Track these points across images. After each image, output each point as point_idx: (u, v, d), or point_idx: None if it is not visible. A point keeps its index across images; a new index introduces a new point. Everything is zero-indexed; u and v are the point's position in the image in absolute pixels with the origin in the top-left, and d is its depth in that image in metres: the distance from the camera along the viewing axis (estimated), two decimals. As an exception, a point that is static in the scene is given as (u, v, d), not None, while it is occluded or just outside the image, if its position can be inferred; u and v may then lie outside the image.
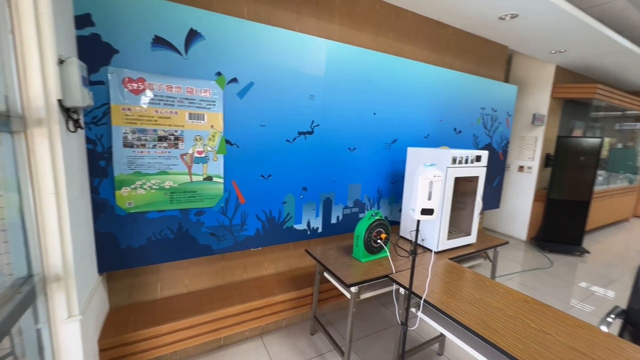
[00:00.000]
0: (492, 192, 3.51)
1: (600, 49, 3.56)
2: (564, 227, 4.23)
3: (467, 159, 2.02)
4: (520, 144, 4.59)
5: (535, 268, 3.60)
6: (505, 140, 3.46)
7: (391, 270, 1.78)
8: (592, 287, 3.19)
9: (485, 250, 2.30)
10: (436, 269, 1.83)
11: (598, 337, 1.22)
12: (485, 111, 3.15)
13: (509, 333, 1.22)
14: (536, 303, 1.46)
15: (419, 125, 2.66)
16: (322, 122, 2.14)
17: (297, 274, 2.38)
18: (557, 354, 1.11)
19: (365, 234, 1.86)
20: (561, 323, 1.30)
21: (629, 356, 1.12)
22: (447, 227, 2.08)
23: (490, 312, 1.37)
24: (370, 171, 2.45)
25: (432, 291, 1.54)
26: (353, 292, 1.67)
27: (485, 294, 1.54)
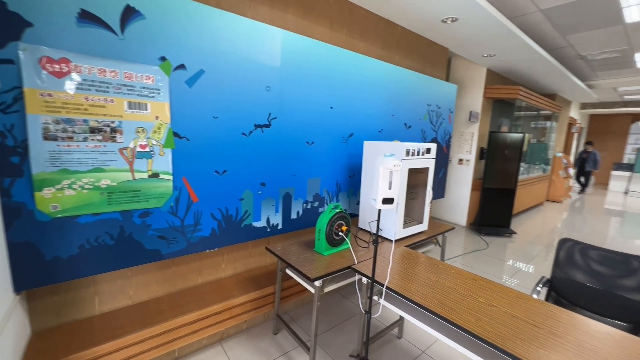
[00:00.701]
0: (438, 183, 3.80)
1: (521, 55, 4.08)
2: (496, 212, 4.79)
3: (418, 151, 2.14)
4: (460, 139, 5.05)
5: (474, 250, 4.01)
6: (448, 135, 3.76)
7: (353, 261, 1.81)
8: (518, 263, 3.67)
9: (435, 236, 2.48)
10: (395, 257, 1.91)
11: (532, 305, 1.39)
12: (431, 107, 3.38)
13: (462, 310, 1.32)
14: (483, 280, 1.61)
15: (374, 120, 2.75)
16: (280, 115, 2.08)
17: (257, 273, 2.29)
18: (503, 322, 1.23)
19: (326, 227, 1.86)
20: (504, 295, 1.46)
21: (557, 317, 1.29)
22: (402, 216, 2.18)
23: (446, 293, 1.47)
24: (328, 165, 2.46)
25: (392, 278, 1.60)
26: (317, 286, 1.65)
27: (440, 276, 1.65)
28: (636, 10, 3.16)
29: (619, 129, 10.86)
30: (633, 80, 6.25)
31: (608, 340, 1.16)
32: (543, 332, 1.18)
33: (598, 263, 1.77)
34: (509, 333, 1.17)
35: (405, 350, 2.06)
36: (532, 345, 1.10)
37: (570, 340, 1.14)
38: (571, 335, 1.17)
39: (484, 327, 1.20)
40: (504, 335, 1.15)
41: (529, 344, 1.11)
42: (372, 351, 2.04)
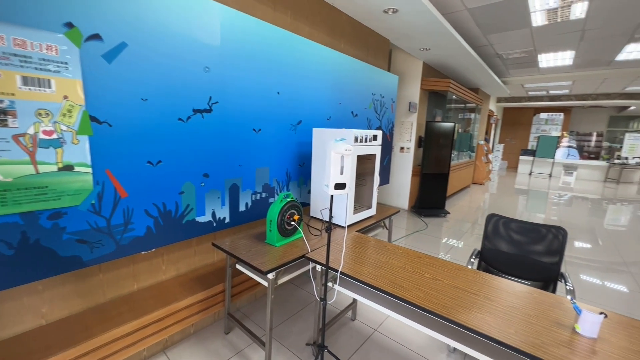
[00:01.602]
0: (383, 170, 3.99)
1: (452, 51, 4.45)
2: (433, 195, 5.25)
3: (366, 137, 2.18)
4: (401, 128, 5.37)
5: (416, 231, 4.35)
6: (391, 124, 3.95)
7: (307, 250, 1.78)
8: (452, 240, 4.10)
9: (383, 220, 2.60)
10: (347, 242, 1.93)
11: (469, 275, 1.53)
12: (375, 97, 3.50)
13: (412, 286, 1.39)
14: (427, 257, 1.73)
15: (322, 107, 2.73)
16: (222, 99, 1.91)
17: (204, 272, 2.12)
18: (448, 294, 1.34)
19: (278, 217, 1.79)
20: (446, 269, 1.58)
21: (489, 284, 1.44)
22: (353, 202, 2.22)
23: (395, 272, 1.53)
24: (277, 153, 2.37)
25: (346, 263, 1.62)
26: (270, 279, 1.59)
27: (389, 257, 1.72)
28: (540, 16, 3.67)
29: (525, 120, 12.78)
30: (536, 78, 7.36)
31: (528, 298, 1.33)
32: (480, 298, 1.31)
33: (516, 233, 2.04)
34: (453, 303, 1.27)
35: (359, 331, 2.13)
36: (472, 311, 1.21)
37: (502, 302, 1.29)
38: (502, 298, 1.32)
39: (431, 300, 1.28)
40: (448, 305, 1.25)
41: (470, 310, 1.22)
42: (328, 336, 2.06)
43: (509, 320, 1.16)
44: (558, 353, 0.99)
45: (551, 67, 6.19)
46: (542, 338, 1.06)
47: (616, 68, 6.09)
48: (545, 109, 12.18)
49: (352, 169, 2.09)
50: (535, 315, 1.20)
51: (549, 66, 6.14)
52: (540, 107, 12.09)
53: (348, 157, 1.30)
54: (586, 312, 1.07)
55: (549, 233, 1.90)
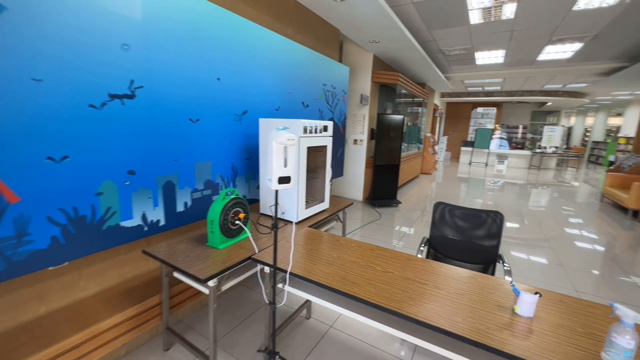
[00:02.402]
0: (337, 162, 3.96)
1: (400, 44, 4.56)
2: (385, 186, 5.42)
3: (316, 128, 2.08)
4: (354, 121, 5.40)
5: (370, 221, 4.44)
6: (343, 115, 3.92)
7: (254, 251, 1.63)
8: (404, 227, 4.26)
9: (337, 213, 2.54)
10: (298, 239, 1.83)
11: (419, 264, 1.54)
12: (326, 87, 3.42)
13: (364, 281, 1.34)
14: (379, 249, 1.70)
15: (270, 97, 2.56)
16: (149, 83, 1.64)
17: (137, 283, 1.85)
18: (398, 286, 1.31)
19: (220, 216, 1.61)
20: (396, 260, 1.57)
21: (437, 272, 1.46)
22: (304, 196, 2.12)
23: (347, 267, 1.47)
24: (221, 146, 2.15)
25: (296, 262, 1.52)
26: (211, 287, 1.42)
27: (342, 251, 1.66)
28: (477, 14, 3.92)
29: (464, 114, 13.93)
30: (474, 74, 7.99)
31: (472, 282, 1.37)
32: (429, 288, 1.31)
33: (460, 219, 2.13)
34: (403, 295, 1.24)
35: (314, 329, 2.06)
36: (422, 302, 1.19)
37: (449, 289, 1.30)
38: (449, 285, 1.33)
39: (383, 294, 1.24)
40: (399, 298, 1.21)
41: (419, 302, 1.20)
42: (282, 338, 1.95)
43: (456, 308, 1.16)
44: (500, 337, 1.01)
45: (486, 64, 6.75)
46: (486, 323, 1.08)
47: (537, 67, 6.86)
48: (481, 104, 13.39)
49: (298, 160, 1.98)
50: (479, 300, 1.23)
51: (484, 63, 6.69)
52: (477, 102, 13.26)
53: (292, 147, 1.18)
54: (524, 294, 1.11)
55: (488, 218, 2.01)
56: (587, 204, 6.16)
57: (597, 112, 14.28)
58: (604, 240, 4.08)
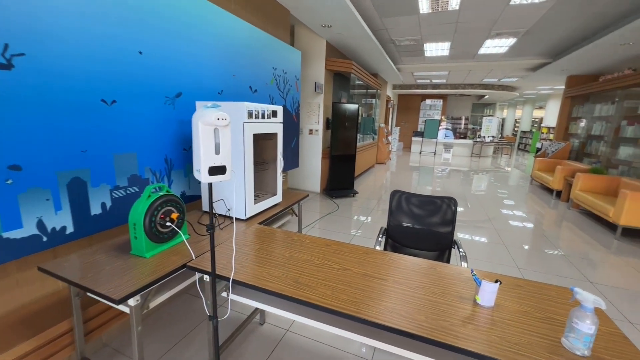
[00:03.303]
0: (291, 153, 3.76)
1: (352, 31, 4.45)
2: (342, 176, 5.37)
3: (263, 113, 1.85)
4: (308, 110, 5.22)
5: (328, 213, 4.35)
6: (296, 103, 3.71)
7: (190, 257, 1.38)
8: (362, 217, 4.25)
9: (291, 207, 2.36)
10: (247, 238, 1.61)
11: (377, 257, 1.43)
12: (277, 72, 3.16)
13: (318, 283, 1.18)
14: (335, 244, 1.56)
15: (210, 78, 2.24)
16: (34, 50, 1.26)
17: (38, 307, 1.47)
18: (357, 285, 1.18)
19: (145, 218, 1.32)
20: (354, 255, 1.44)
21: (396, 264, 1.36)
22: (252, 190, 1.89)
23: (301, 268, 1.30)
24: (149, 134, 1.81)
25: (242, 266, 1.30)
26: (133, 306, 1.14)
27: (295, 249, 1.48)
28: (426, 2, 3.96)
29: (414, 106, 14.61)
30: (423, 66, 8.30)
31: (432, 273, 1.30)
32: (389, 284, 1.20)
33: (416, 207, 2.10)
34: (362, 295, 1.11)
35: (269, 336, 1.87)
36: (382, 302, 1.07)
37: (409, 284, 1.21)
38: (409, 279, 1.24)
39: (340, 296, 1.10)
40: (358, 299, 1.08)
41: (380, 301, 1.08)
42: (232, 351, 1.73)
43: (418, 304, 1.07)
44: (465, 333, 0.93)
45: (434, 56, 7.02)
46: (450, 318, 1.00)
47: (478, 61, 7.34)
48: (429, 96, 14.13)
49: (244, 147, 1.74)
50: (440, 292, 1.15)
51: (432, 55, 6.95)
52: (426, 94, 13.97)
53: (225, 129, 0.95)
54: (485, 283, 1.06)
55: (443, 204, 2.00)
56: (519, 186, 6.83)
57: (524, 105, 16.03)
58: (534, 218, 4.52)
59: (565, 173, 5.48)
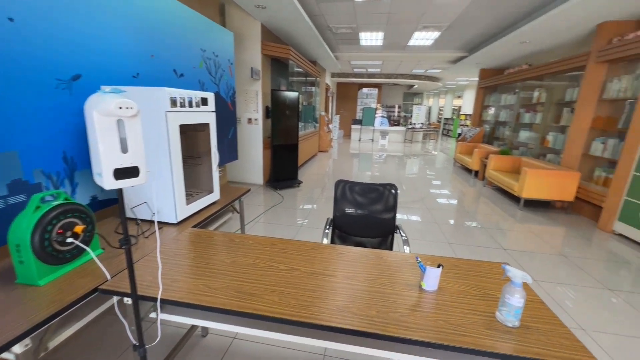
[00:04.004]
0: (229, 145, 3.49)
1: (288, 13, 4.25)
2: (286, 166, 5.24)
3: (190, 101, 1.62)
4: (246, 97, 4.90)
5: (273, 205, 4.21)
6: (231, 90, 3.42)
7: (104, 277, 1.13)
8: (307, 205, 4.22)
9: (231, 204, 2.17)
10: (179, 246, 1.40)
11: (325, 252, 1.38)
12: (206, 54, 2.84)
13: (264, 290, 1.08)
14: (281, 242, 1.47)
15: (122, 57, 1.87)
16: None
17: None
18: (306, 286, 1.11)
19: (33, 237, 1.03)
20: (301, 252, 1.37)
21: (345, 257, 1.34)
22: (183, 189, 1.66)
23: (244, 274, 1.18)
24: (35, 128, 1.42)
25: (173, 281, 1.12)
26: (20, 353, 0.88)
27: (237, 254, 1.34)
28: (360, -10, 3.97)
29: (352, 94, 15.05)
30: (359, 55, 8.50)
31: (379, 262, 1.30)
32: (339, 280, 1.16)
33: (360, 195, 2.12)
34: (313, 296, 1.05)
35: (214, 347, 1.71)
36: (334, 301, 1.03)
37: (359, 277, 1.18)
38: (358, 272, 1.22)
39: (288, 301, 1.01)
40: (308, 302, 1.01)
41: (331, 301, 1.03)
42: (170, 372, 1.53)
43: (369, 299, 1.05)
44: (414, 322, 0.94)
45: (369, 45, 7.22)
46: (400, 309, 1.00)
47: (408, 52, 7.81)
48: (365, 85, 14.68)
49: (154, 139, 1.50)
50: (389, 282, 1.15)
51: (367, 45, 7.14)
52: (363, 83, 14.47)
53: (133, 120, 0.76)
54: (429, 269, 1.09)
55: (385, 190, 2.05)
56: (444, 168, 7.62)
57: (446, 94, 17.86)
58: (457, 196, 5.10)
59: (481, 155, 6.28)
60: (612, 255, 3.04)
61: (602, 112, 4.08)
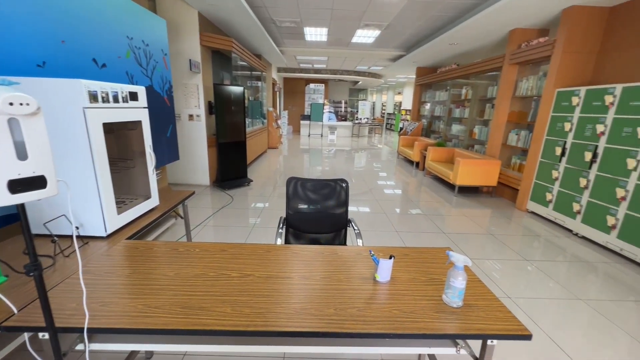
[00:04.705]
0: (168, 144, 3.18)
1: (228, 2, 4.00)
2: (234, 165, 5.00)
3: (115, 95, 1.41)
4: (185, 92, 4.52)
5: (222, 207, 3.98)
6: (168, 83, 3.11)
7: (9, 311, 0.93)
8: (259, 204, 4.10)
9: (173, 209, 1.98)
10: (111, 262, 1.22)
11: (280, 254, 1.34)
12: (134, 42, 2.52)
13: (215, 301, 1.00)
14: (232, 247, 1.38)
15: (19, 41, 1.54)
16: None
17: None
18: (260, 292, 1.06)
19: None
20: (255, 256, 1.30)
21: (300, 257, 1.31)
22: (112, 197, 1.45)
23: (192, 287, 1.08)
24: None
25: (102, 305, 0.97)
26: None
27: (181, 265, 1.22)
28: (302, -16, 3.92)
29: (300, 89, 15.00)
30: (305, 50, 8.47)
31: (335, 258, 1.31)
32: (295, 281, 1.13)
33: (312, 192, 2.11)
34: (268, 302, 1.00)
35: (160, 368, 1.55)
36: (291, 304, 0.99)
37: (315, 276, 1.17)
38: (314, 270, 1.21)
39: (242, 311, 0.95)
40: (263, 309, 0.97)
41: (287, 304, 0.99)
42: (107, 406, 1.35)
43: (327, 297, 1.04)
44: (371, 315, 0.96)
45: (314, 41, 7.23)
46: (356, 303, 1.01)
47: (351, 49, 8.03)
48: (312, 80, 14.75)
49: (70, 141, 1.29)
50: (345, 278, 1.16)
51: (312, 40, 7.15)
52: (310, 79, 14.51)
53: (33, 120, 0.61)
54: (382, 261, 1.12)
55: (337, 186, 2.08)
56: (389, 161, 8.09)
57: (388, 91, 18.92)
58: (401, 186, 5.46)
59: (421, 147, 6.80)
60: (526, 230, 3.56)
61: (515, 108, 4.73)
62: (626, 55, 3.30)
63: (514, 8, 3.70)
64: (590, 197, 3.21)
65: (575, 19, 3.52)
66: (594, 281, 2.49)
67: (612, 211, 2.95)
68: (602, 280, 2.52)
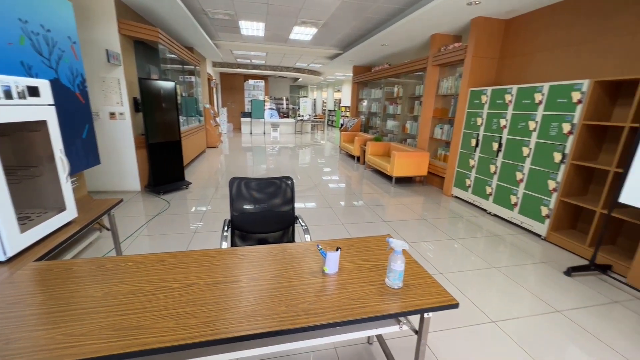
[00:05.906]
0: (85, 146, 2.77)
1: (151, -11, 3.62)
2: (168, 167, 4.59)
3: (7, 90, 1.17)
4: (104, 87, 3.97)
5: (158, 213, 3.63)
6: (79, 76, 2.69)
7: None
8: (200, 207, 3.85)
9: (96, 221, 1.74)
10: (17, 291, 1.02)
11: (226, 258, 1.29)
12: (30, 27, 2.11)
13: (155, 317, 0.92)
14: (172, 256, 1.28)
15: None
16: None
17: None
18: (208, 299, 1.01)
19: None
20: (198, 263, 1.23)
21: (249, 259, 1.28)
22: (12, 213, 1.21)
23: (126, 305, 0.97)
24: None
25: (7, 342, 0.81)
26: None
27: (111, 282, 1.09)
28: (235, -25, 3.75)
29: (238, 86, 14.40)
30: (241, 45, 8.14)
31: (283, 257, 1.31)
32: (244, 284, 1.10)
33: (257, 191, 2.07)
34: (216, 309, 0.96)
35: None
36: (240, 308, 0.97)
37: (265, 276, 1.16)
38: (264, 270, 1.19)
39: (187, 322, 0.90)
40: (211, 317, 0.92)
41: (237, 309, 0.97)
42: None
43: (277, 296, 1.04)
44: (322, 306, 0.99)
45: (250, 35, 7.00)
46: (308, 298, 1.04)
47: (290, 45, 8.00)
48: (251, 76, 14.29)
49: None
50: (295, 275, 1.18)
51: (249, 34, 6.91)
52: (248, 75, 14.02)
53: None
54: (329, 254, 1.17)
55: (282, 184, 2.07)
56: (331, 156, 8.35)
57: (328, 88, 19.40)
58: (344, 180, 5.70)
59: (360, 142, 7.16)
60: (452, 213, 4.05)
61: (439, 105, 5.30)
62: (518, 61, 3.97)
63: (431, 16, 4.14)
64: (498, 180, 3.80)
65: (481, 28, 4.09)
66: (504, 251, 2.97)
67: (514, 191, 3.55)
68: (510, 249, 3.01)
